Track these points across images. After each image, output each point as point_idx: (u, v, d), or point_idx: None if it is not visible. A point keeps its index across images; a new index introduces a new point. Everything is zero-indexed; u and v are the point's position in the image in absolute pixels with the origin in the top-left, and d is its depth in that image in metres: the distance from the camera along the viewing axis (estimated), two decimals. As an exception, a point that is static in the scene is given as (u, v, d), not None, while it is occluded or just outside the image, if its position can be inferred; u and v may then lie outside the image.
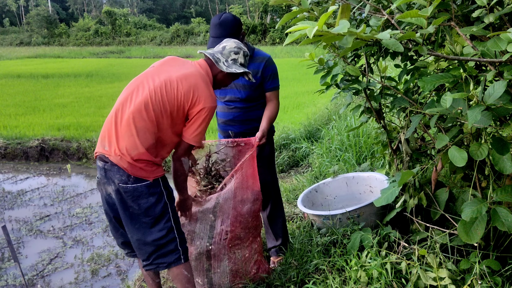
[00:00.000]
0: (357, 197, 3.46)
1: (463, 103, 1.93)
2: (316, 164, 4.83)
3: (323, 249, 2.80)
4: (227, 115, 2.87)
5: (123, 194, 2.17)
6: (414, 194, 2.51)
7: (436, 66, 2.39)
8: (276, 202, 3.00)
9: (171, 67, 2.27)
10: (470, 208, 1.94)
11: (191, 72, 2.23)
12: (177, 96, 2.16)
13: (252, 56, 2.76)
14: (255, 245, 2.71)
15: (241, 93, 2.78)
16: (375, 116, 2.87)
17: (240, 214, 2.59)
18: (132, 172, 2.14)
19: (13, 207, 4.89)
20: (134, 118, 2.13)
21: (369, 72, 2.75)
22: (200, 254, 2.61)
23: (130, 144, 2.13)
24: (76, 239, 4.04)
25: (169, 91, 2.16)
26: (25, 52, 31.87)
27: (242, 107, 2.80)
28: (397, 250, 2.42)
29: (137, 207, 2.17)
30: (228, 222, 2.55)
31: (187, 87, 2.17)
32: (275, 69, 2.81)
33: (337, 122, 5.83)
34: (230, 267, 2.63)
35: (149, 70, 2.30)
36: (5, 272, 3.52)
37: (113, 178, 2.17)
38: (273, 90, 2.80)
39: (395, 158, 2.90)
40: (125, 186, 2.15)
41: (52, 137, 7.03)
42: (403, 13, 1.32)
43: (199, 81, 2.21)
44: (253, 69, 2.74)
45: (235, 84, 2.77)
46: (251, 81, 2.49)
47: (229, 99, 2.82)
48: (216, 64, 2.30)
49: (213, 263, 2.61)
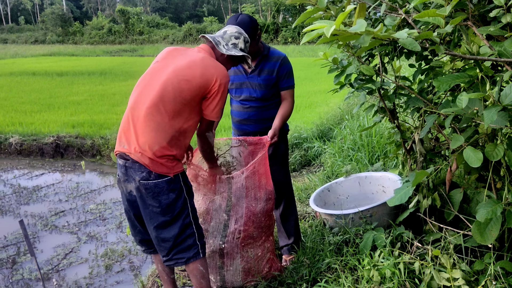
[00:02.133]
0: (369, 197, 3.45)
1: (479, 103, 1.92)
2: (328, 163, 4.83)
3: (335, 248, 2.80)
4: (242, 114, 2.88)
5: (144, 191, 2.20)
6: (428, 195, 2.50)
7: (451, 66, 2.38)
8: (289, 201, 3.01)
9: (175, 57, 2.29)
10: (485, 209, 1.92)
11: (198, 56, 2.27)
12: (193, 82, 2.19)
13: (267, 55, 2.77)
14: (267, 244, 2.73)
15: (256, 92, 2.79)
16: (389, 116, 2.86)
17: (253, 214, 2.60)
18: (153, 168, 2.17)
19: (29, 202, 4.97)
20: (151, 113, 2.16)
21: (383, 71, 2.74)
22: (213, 252, 2.63)
23: (150, 139, 2.16)
24: (90, 235, 4.10)
25: (182, 80, 2.18)
26: (40, 50, 32.31)
27: (257, 106, 2.82)
28: (410, 250, 2.41)
29: (157, 204, 2.20)
30: (242, 221, 2.57)
31: (200, 70, 2.20)
32: (290, 68, 2.83)
33: (349, 122, 5.81)
34: (243, 265, 2.65)
35: (155, 65, 2.32)
36: (21, 266, 3.59)
37: (134, 176, 2.20)
38: (288, 89, 2.82)
39: (408, 158, 2.89)
40: (146, 183, 2.17)
41: (66, 134, 7.13)
42: (420, 13, 1.32)
43: (208, 61, 2.26)
44: (269, 68, 2.76)
45: (250, 83, 2.79)
46: (250, 68, 2.50)
47: (245, 98, 2.84)
48: (216, 46, 2.33)
49: (225, 261, 2.63)
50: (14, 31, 54.32)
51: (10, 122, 7.92)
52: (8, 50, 31.75)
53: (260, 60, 2.78)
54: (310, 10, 1.60)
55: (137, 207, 2.30)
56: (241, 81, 2.83)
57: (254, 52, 2.73)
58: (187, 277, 2.95)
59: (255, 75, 2.78)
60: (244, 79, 2.82)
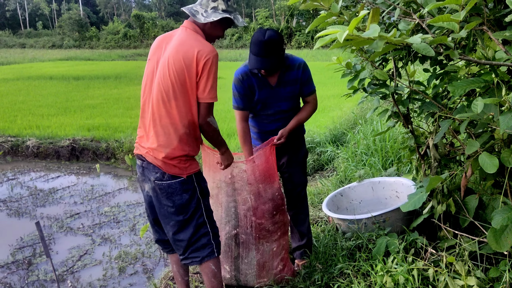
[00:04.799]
0: (382, 202, 3.43)
1: (495, 108, 1.90)
2: (341, 168, 4.81)
3: (348, 253, 2.79)
4: (269, 126, 2.82)
5: (158, 191, 2.24)
6: (442, 200, 2.48)
7: (466, 71, 2.36)
8: (304, 203, 3.00)
9: (161, 50, 2.24)
10: (501, 215, 1.90)
11: (180, 39, 2.18)
12: (180, 69, 2.12)
13: (289, 65, 2.69)
14: (283, 242, 2.76)
15: (284, 105, 2.75)
16: (403, 120, 2.84)
17: (262, 203, 2.65)
18: (166, 169, 2.20)
19: (45, 204, 5.05)
20: (158, 118, 2.18)
21: (397, 76, 2.73)
22: (229, 239, 2.70)
23: (161, 142, 2.18)
24: (105, 237, 4.14)
25: (172, 73, 2.13)
26: (57, 54, 32.88)
27: (285, 117, 2.78)
28: (424, 256, 2.39)
29: (171, 204, 2.23)
30: (251, 211, 2.63)
31: (181, 54, 2.12)
32: (310, 73, 2.79)
33: (363, 126, 5.79)
34: (258, 258, 2.70)
35: (148, 65, 2.29)
36: (37, 267, 3.64)
37: (149, 176, 2.25)
38: (311, 94, 2.80)
39: (422, 163, 2.87)
40: (160, 183, 2.21)
41: (82, 137, 7.24)
42: (434, 17, 1.31)
43: (190, 41, 2.16)
44: (292, 79, 2.69)
45: (278, 97, 2.72)
46: (243, 24, 2.32)
47: (273, 113, 2.78)
48: (194, 17, 2.20)
49: (241, 251, 2.70)
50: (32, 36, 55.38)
51: (27, 125, 8.07)
52: (26, 55, 32.38)
53: (284, 72, 2.69)
54: (323, 15, 1.61)
55: (153, 207, 2.35)
56: (267, 96, 2.72)
57: (279, 67, 2.63)
58: (199, 280, 2.96)
59: (281, 87, 2.71)
60: (270, 93, 2.72)
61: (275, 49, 2.51)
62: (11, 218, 4.69)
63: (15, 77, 16.74)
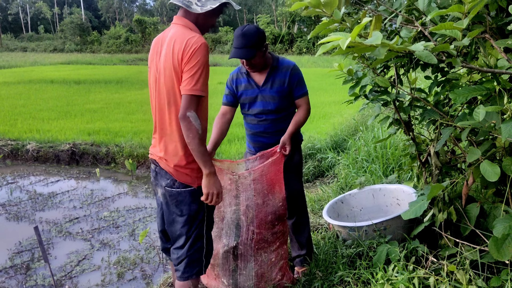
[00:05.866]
0: (383, 209, 3.41)
1: (497, 116, 1.89)
2: (342, 174, 4.79)
3: (348, 261, 2.77)
4: (257, 127, 2.88)
5: (168, 198, 2.19)
6: (444, 208, 2.46)
7: (468, 78, 2.35)
8: (302, 211, 2.99)
9: (157, 55, 2.14)
10: (502, 224, 1.89)
11: (170, 39, 2.07)
12: (171, 69, 2.02)
13: (277, 66, 2.78)
14: (281, 251, 2.73)
15: (270, 105, 2.79)
16: (404, 128, 2.83)
17: (264, 215, 2.62)
18: (177, 177, 2.14)
19: (44, 208, 5.03)
20: (163, 127, 2.15)
21: (399, 83, 2.72)
22: (227, 253, 2.66)
23: (169, 152, 2.15)
24: (103, 242, 4.12)
25: (167, 76, 2.05)
26: (59, 58, 32.95)
27: (272, 119, 2.81)
28: (425, 265, 2.37)
29: (179, 212, 2.18)
30: (254, 223, 2.59)
31: (172, 53, 2.02)
32: (301, 75, 2.83)
33: (364, 133, 5.78)
34: (256, 269, 2.66)
35: (150, 74, 2.22)
36: (35, 272, 3.62)
37: (161, 181, 2.20)
38: (302, 96, 2.82)
39: (423, 171, 2.86)
40: (170, 190, 2.16)
41: (82, 141, 7.23)
42: (437, 25, 1.31)
43: (179, 37, 2.03)
44: (280, 79, 2.76)
45: (263, 96, 2.79)
46: (238, 7, 2.30)
47: (259, 112, 2.83)
48: (188, 8, 2.06)
49: (239, 263, 2.65)
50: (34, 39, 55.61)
51: (27, 129, 8.07)
52: (28, 58, 32.46)
53: (270, 71, 2.77)
54: (325, 22, 1.60)
55: (162, 213, 2.30)
56: (253, 95, 2.82)
57: (262, 63, 2.73)
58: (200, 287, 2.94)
59: (267, 87, 2.78)
60: (256, 93, 2.81)
61: (252, 40, 2.60)
62: (10, 222, 4.67)
63: (16, 81, 16.77)
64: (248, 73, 2.82)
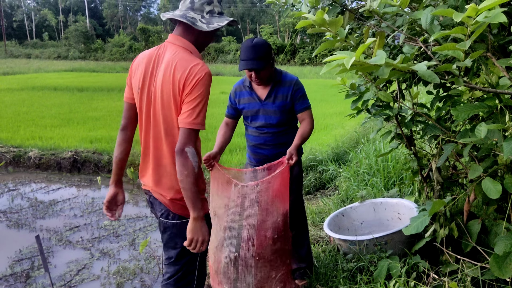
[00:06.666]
0: (384, 223, 3.41)
1: (498, 134, 1.91)
2: (343, 187, 4.79)
3: (349, 275, 2.76)
4: (258, 139, 2.90)
5: (163, 228, 2.08)
6: (445, 224, 2.46)
7: (470, 95, 2.37)
8: (302, 225, 2.99)
9: (152, 76, 1.94)
10: (504, 242, 1.89)
11: (169, 61, 1.87)
12: (170, 100, 1.86)
13: (280, 80, 2.80)
14: (283, 267, 2.72)
15: (272, 119, 2.81)
16: (406, 142, 2.85)
17: (265, 230, 2.63)
18: (173, 209, 2.00)
19: (45, 216, 5.03)
20: (158, 157, 1.98)
21: (401, 98, 2.74)
22: (228, 263, 2.67)
23: (164, 184, 2.00)
24: (103, 251, 4.11)
25: (165, 102, 1.87)
26: (62, 65, 33.12)
27: (274, 132, 2.83)
28: (426, 281, 2.36)
29: (173, 244, 2.06)
30: (254, 235, 2.59)
31: (173, 78, 1.84)
32: (303, 90, 2.85)
33: (365, 146, 5.79)
34: (255, 283, 2.68)
35: (141, 96, 1.99)
36: (34, 280, 3.61)
37: (156, 211, 2.09)
38: (305, 110, 2.83)
39: (425, 186, 2.86)
40: (165, 221, 2.03)
41: (84, 149, 7.25)
42: (440, 46, 1.33)
43: (178, 57, 1.86)
44: (283, 94, 2.78)
45: (265, 110, 2.81)
46: (238, 25, 2.32)
47: (261, 125, 2.85)
48: (194, 25, 1.87)
49: (240, 275, 2.67)
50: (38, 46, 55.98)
51: (30, 136, 8.09)
52: (32, 65, 32.65)
53: (273, 86, 2.79)
54: (330, 41, 1.62)
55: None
56: (256, 109, 2.84)
57: (268, 77, 2.75)
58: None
59: (269, 102, 2.80)
60: (259, 106, 2.83)
61: (261, 52, 2.63)
62: (11, 229, 4.66)
63: (19, 87, 16.85)
64: (251, 87, 2.85)
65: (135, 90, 2.01)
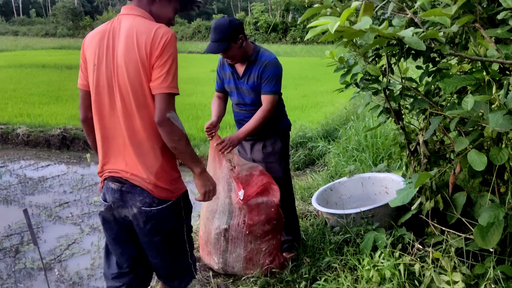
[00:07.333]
0: (372, 197, 3.45)
1: (485, 106, 1.91)
2: (332, 163, 4.82)
3: (336, 247, 2.80)
4: (239, 114, 2.91)
5: (145, 219, 1.85)
6: (431, 197, 2.49)
7: (458, 69, 2.37)
8: (287, 199, 2.97)
9: (109, 49, 1.80)
10: (488, 213, 1.92)
11: (128, 29, 1.76)
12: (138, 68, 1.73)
13: (255, 60, 2.70)
14: (273, 241, 2.76)
15: (247, 98, 2.78)
16: (394, 116, 2.85)
17: (256, 207, 2.66)
18: (157, 194, 1.83)
19: (34, 193, 5.01)
20: (132, 135, 1.80)
21: (390, 72, 2.73)
22: (218, 234, 2.70)
23: (144, 163, 1.81)
24: (93, 227, 4.12)
25: (131, 72, 1.74)
26: (50, 43, 32.52)
27: (250, 109, 2.80)
28: (411, 252, 2.40)
29: (156, 232, 1.88)
30: (247, 214, 2.64)
31: (136, 45, 1.72)
32: (275, 72, 2.67)
33: (355, 123, 5.80)
34: (245, 254, 2.71)
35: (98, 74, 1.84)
36: (24, 255, 3.62)
37: (133, 201, 1.84)
38: (266, 94, 2.67)
39: (412, 160, 2.88)
40: (149, 210, 1.83)
41: (73, 126, 7.18)
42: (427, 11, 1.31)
43: (137, 24, 1.76)
44: (254, 74, 2.70)
45: (241, 89, 2.78)
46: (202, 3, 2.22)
47: (238, 102, 2.84)
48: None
49: (229, 246, 2.70)
50: (25, 23, 54.74)
51: (18, 113, 7.99)
52: (19, 43, 31.99)
53: (248, 65, 2.71)
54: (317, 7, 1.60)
55: (131, 232, 1.94)
56: (233, 85, 2.81)
57: (240, 55, 2.65)
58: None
59: (244, 80, 2.74)
60: (235, 84, 2.79)
61: (224, 33, 2.53)
62: (0, 205, 4.65)
63: (7, 65, 16.55)
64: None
65: (90, 69, 1.87)
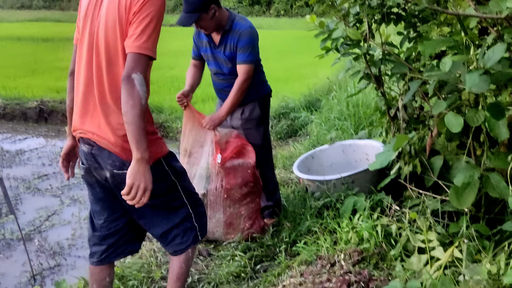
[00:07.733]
0: (353, 164, 3.47)
1: (463, 67, 1.92)
2: (314, 132, 4.83)
3: (316, 212, 2.84)
4: (218, 84, 2.88)
5: (119, 180, 1.75)
6: (409, 161, 2.52)
7: (438, 32, 2.37)
8: (266, 165, 2.97)
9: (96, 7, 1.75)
10: (463, 173, 1.95)
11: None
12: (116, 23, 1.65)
13: (230, 29, 2.65)
14: (252, 205, 2.78)
15: (224, 68, 2.75)
16: (374, 82, 2.85)
17: (234, 177, 2.69)
18: (126, 157, 1.69)
19: (11, 165, 4.91)
20: (104, 93, 1.72)
21: (371, 37, 2.71)
22: None
23: (113, 124, 1.72)
24: (74, 198, 4.08)
25: (110, 28, 1.67)
26: (26, 15, 31.33)
27: (229, 79, 2.76)
28: (388, 214, 2.45)
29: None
30: (224, 178, 2.65)
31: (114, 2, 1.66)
32: (249, 41, 2.63)
33: (337, 93, 5.80)
34: (225, 219, 2.73)
35: (83, 25, 1.80)
36: (3, 226, 3.58)
37: (104, 164, 1.75)
38: (241, 63, 2.62)
39: (392, 125, 2.90)
40: (122, 172, 1.69)
41: (51, 99, 7.00)
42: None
43: None
44: (230, 44, 2.65)
45: (218, 58, 2.74)
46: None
47: (216, 72, 2.81)
48: None
49: (209, 212, 2.70)
50: (-1, -5, 52.66)
51: (-8, 86, 7.76)
52: (-7, 15, 30.82)
53: (223, 34, 2.66)
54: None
55: (113, 193, 1.85)
56: (209, 54, 2.77)
57: (213, 26, 2.61)
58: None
59: (221, 50, 2.70)
60: (212, 52, 2.75)
61: (194, 4, 2.48)
62: (-24, 178, 4.56)
63: (-20, 38, 15.98)
64: None
65: (80, 21, 1.81)
